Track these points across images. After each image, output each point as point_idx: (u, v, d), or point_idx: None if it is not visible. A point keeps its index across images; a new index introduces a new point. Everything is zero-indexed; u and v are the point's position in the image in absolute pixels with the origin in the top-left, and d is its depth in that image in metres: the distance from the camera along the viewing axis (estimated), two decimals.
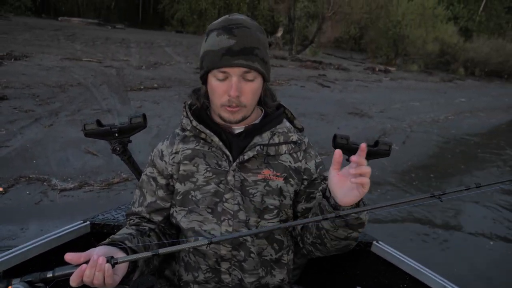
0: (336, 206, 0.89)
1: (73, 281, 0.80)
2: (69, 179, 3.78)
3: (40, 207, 3.24)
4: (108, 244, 0.91)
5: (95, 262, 0.79)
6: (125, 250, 0.90)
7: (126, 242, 0.93)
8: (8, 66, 8.20)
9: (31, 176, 3.72)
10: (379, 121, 8.05)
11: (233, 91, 0.94)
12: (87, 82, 7.78)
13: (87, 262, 0.81)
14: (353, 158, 0.82)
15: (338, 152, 0.85)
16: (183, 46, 16.39)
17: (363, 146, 0.82)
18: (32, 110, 5.60)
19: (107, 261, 0.80)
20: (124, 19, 27.45)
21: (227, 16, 0.99)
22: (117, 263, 0.81)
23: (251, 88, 0.97)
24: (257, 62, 0.95)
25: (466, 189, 0.82)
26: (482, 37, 26.85)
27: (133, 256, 0.81)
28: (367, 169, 0.81)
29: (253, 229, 0.82)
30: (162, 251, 0.80)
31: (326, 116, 7.77)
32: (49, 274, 0.80)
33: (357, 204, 0.89)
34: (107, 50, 12.82)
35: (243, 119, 1.02)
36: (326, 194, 0.93)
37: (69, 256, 0.80)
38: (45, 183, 3.63)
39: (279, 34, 22.10)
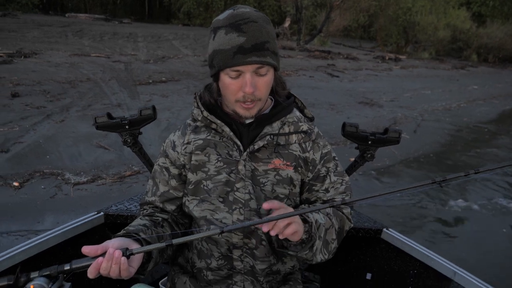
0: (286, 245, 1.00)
1: (91, 273, 0.83)
2: (82, 173, 3.85)
3: (55, 200, 3.31)
4: (123, 235, 0.93)
5: (111, 256, 0.82)
6: (139, 241, 0.92)
7: (141, 233, 0.95)
8: (18, 63, 8.32)
9: (45, 171, 3.79)
10: (389, 110, 7.96)
11: (248, 88, 0.94)
12: (96, 78, 7.86)
13: (103, 254, 0.83)
14: (265, 206, 0.89)
15: (265, 206, 0.90)
16: (190, 39, 16.38)
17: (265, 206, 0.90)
18: (43, 106, 5.69)
19: (123, 254, 0.82)
20: (130, 13, 27.49)
21: (231, 10, 0.97)
22: (132, 254, 0.83)
23: (265, 82, 0.98)
24: (269, 56, 0.95)
25: (465, 175, 0.84)
26: (496, 22, 26.15)
27: (148, 247, 0.83)
28: (282, 222, 0.88)
29: (263, 218, 0.84)
30: (175, 241, 0.81)
31: (335, 106, 7.72)
32: (67, 267, 0.83)
33: (303, 241, 0.97)
34: (114, 45, 12.89)
35: (258, 112, 1.03)
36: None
37: (86, 249, 0.83)
38: (59, 178, 3.70)
39: (287, 24, 21.86)
